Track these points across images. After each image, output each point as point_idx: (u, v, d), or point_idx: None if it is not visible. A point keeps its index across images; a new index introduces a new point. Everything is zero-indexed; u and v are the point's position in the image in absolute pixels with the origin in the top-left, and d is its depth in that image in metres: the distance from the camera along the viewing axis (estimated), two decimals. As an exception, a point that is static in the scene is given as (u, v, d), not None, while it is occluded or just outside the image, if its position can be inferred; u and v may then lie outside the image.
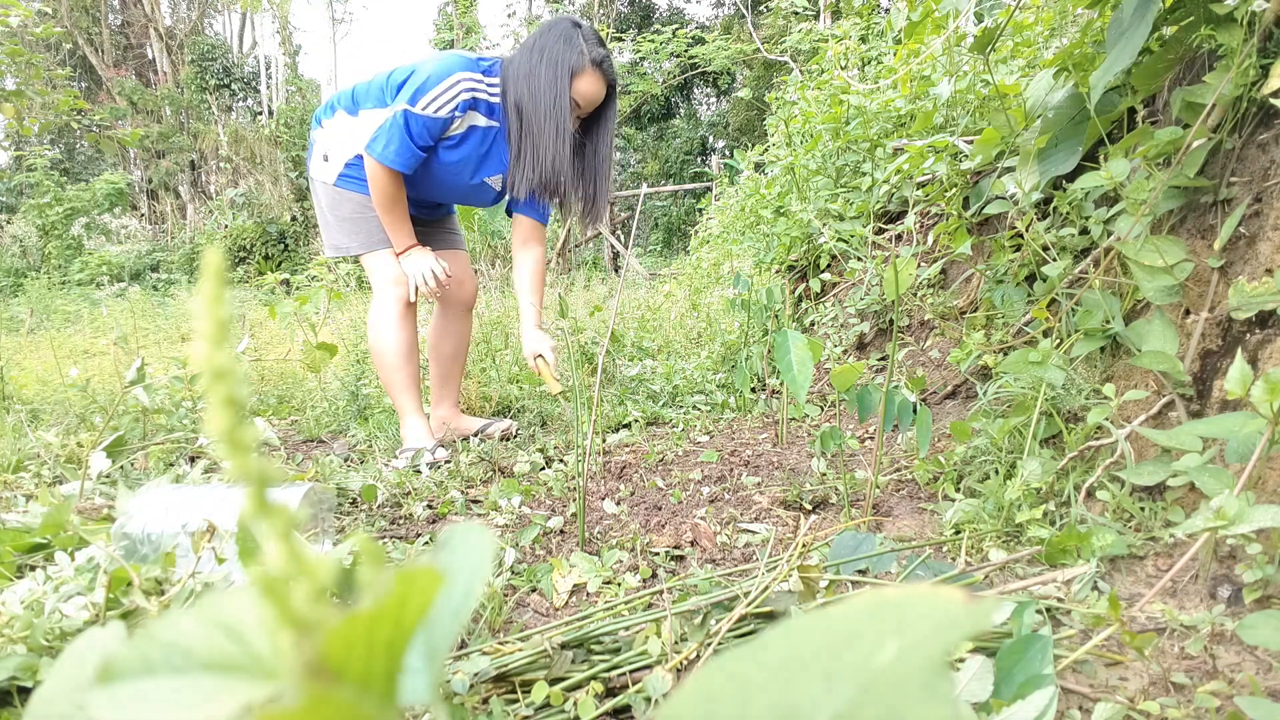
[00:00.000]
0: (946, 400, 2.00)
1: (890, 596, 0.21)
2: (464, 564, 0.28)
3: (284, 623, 0.21)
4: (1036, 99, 1.64)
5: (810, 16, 7.31)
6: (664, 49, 11.75)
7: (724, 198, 5.53)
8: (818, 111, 3.15)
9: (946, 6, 1.89)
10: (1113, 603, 0.81)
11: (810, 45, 5.55)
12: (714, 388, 2.62)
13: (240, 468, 0.20)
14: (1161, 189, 1.26)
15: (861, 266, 2.45)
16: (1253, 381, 0.88)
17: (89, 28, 18.51)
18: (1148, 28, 1.23)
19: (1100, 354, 1.43)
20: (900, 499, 1.52)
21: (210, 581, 0.88)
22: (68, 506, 1.04)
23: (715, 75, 15.63)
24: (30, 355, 3.84)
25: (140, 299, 6.00)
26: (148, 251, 11.64)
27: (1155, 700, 0.81)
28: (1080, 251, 1.55)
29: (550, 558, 1.32)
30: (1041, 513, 1.20)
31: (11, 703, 0.81)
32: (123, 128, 16.28)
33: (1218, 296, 1.23)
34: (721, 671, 0.21)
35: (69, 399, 2.48)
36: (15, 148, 11.78)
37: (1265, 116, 1.22)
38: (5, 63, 4.11)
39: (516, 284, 2.19)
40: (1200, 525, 0.82)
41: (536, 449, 2.05)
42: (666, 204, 16.05)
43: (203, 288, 0.21)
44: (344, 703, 0.21)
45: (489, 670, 0.87)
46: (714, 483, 1.71)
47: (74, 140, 19.22)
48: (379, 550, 0.24)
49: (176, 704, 0.22)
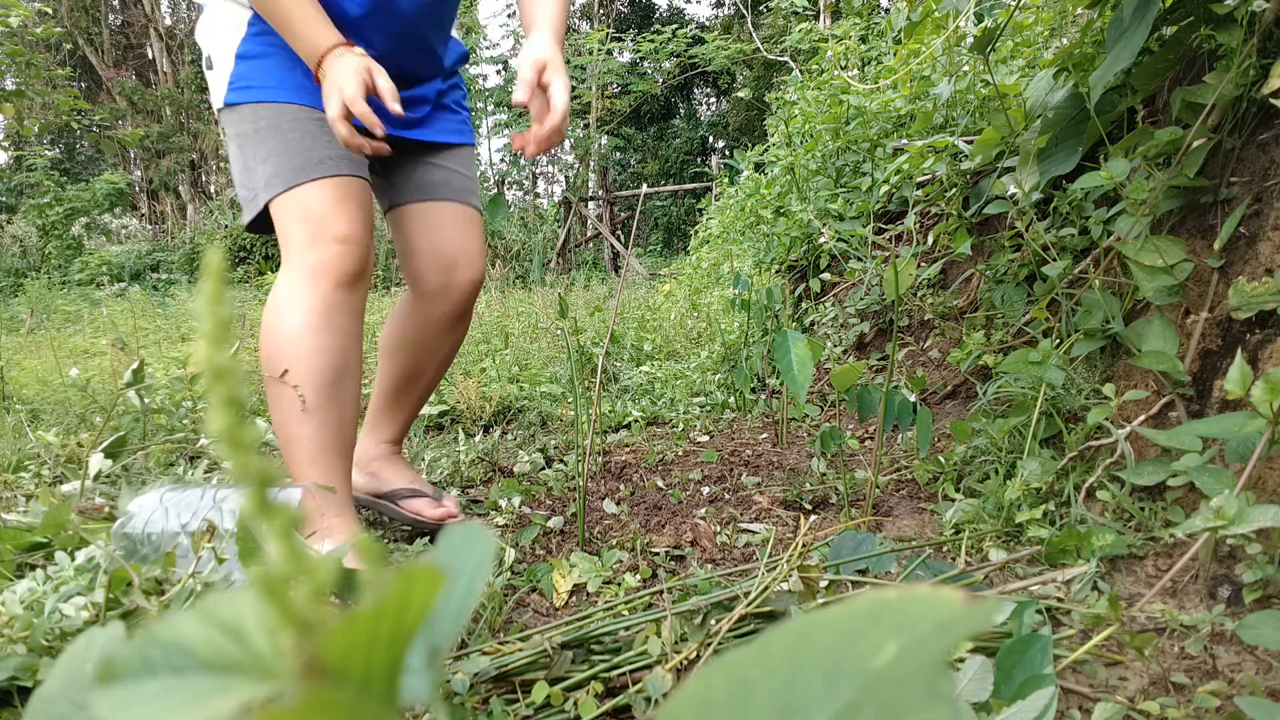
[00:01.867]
0: (946, 400, 2.00)
1: (890, 597, 0.21)
2: (464, 564, 0.28)
3: (284, 623, 0.21)
4: (1036, 99, 1.64)
5: (810, 16, 7.31)
6: (664, 49, 11.75)
7: (724, 198, 5.53)
8: (818, 111, 3.15)
9: (946, 6, 1.89)
10: (1113, 603, 0.81)
11: (810, 45, 5.55)
12: (714, 388, 2.62)
13: (240, 467, 0.20)
14: (1161, 189, 1.26)
15: (861, 266, 2.45)
16: (1253, 381, 0.88)
17: (89, 28, 18.50)
18: (1148, 28, 1.23)
19: (1100, 354, 1.43)
20: (900, 499, 1.52)
21: (210, 581, 0.88)
22: (68, 506, 1.04)
23: (715, 75, 15.63)
24: (30, 355, 3.84)
25: (140, 299, 6.00)
26: (148, 251, 11.64)
27: (1155, 700, 0.81)
28: (1080, 251, 1.55)
29: (550, 558, 1.32)
30: (1041, 513, 1.20)
31: (11, 703, 0.81)
32: (123, 128, 16.28)
33: (1218, 296, 1.23)
34: (721, 671, 0.21)
35: (69, 399, 2.48)
36: (15, 148, 11.79)
37: (1265, 116, 1.22)
38: (5, 63, 4.11)
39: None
40: (1200, 525, 0.82)
41: (536, 449, 2.06)
42: (666, 204, 16.05)
43: (203, 288, 0.21)
44: (344, 703, 0.21)
45: (489, 670, 0.87)
46: (714, 483, 1.71)
47: (74, 140, 19.23)
48: (379, 550, 0.24)
49: (176, 704, 0.22)
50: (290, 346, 1.13)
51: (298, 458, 1.15)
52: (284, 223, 1.19)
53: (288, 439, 1.15)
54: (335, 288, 1.15)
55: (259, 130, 1.21)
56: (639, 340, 3.31)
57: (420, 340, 1.43)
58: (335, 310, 1.15)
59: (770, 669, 0.20)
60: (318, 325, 1.13)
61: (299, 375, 1.13)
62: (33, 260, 11.10)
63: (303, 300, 1.14)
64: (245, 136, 1.22)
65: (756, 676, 0.20)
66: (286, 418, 1.14)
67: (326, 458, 1.15)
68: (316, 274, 1.14)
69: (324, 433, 1.15)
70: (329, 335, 1.14)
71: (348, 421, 1.18)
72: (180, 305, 6.03)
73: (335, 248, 1.15)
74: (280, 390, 1.13)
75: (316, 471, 1.14)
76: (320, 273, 1.14)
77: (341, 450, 1.18)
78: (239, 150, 1.25)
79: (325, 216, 1.15)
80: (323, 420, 1.14)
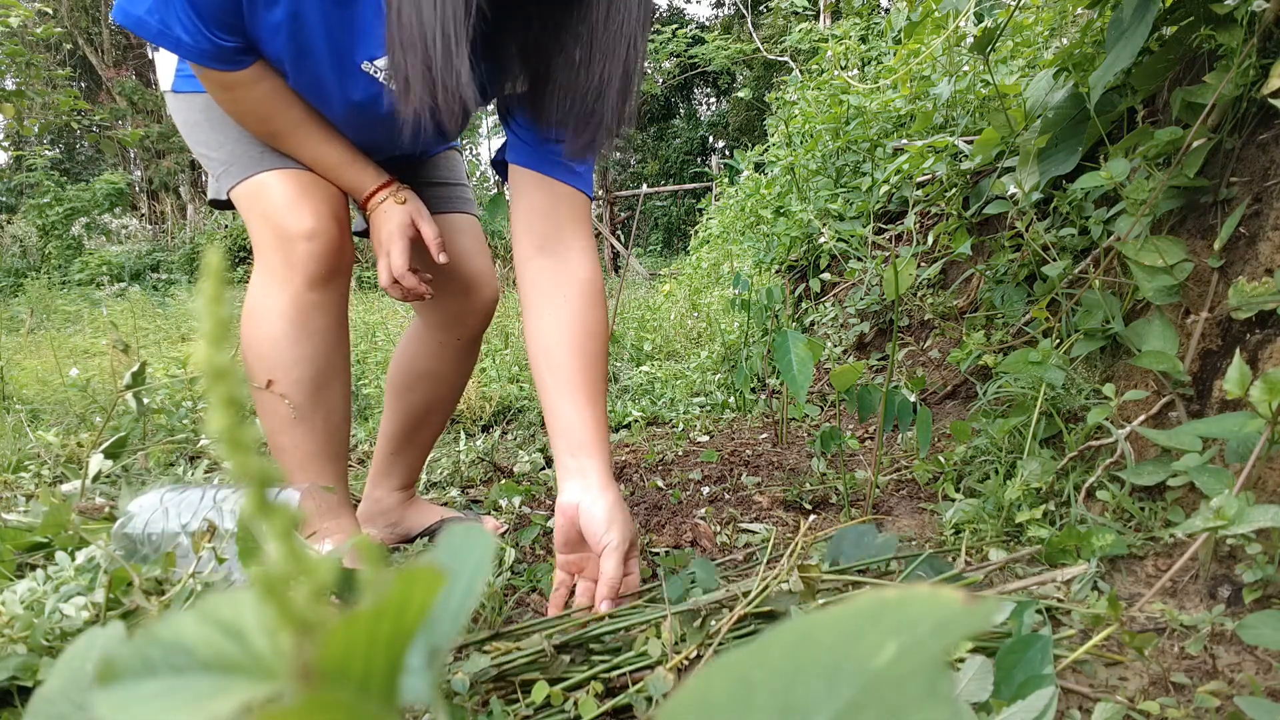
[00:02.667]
0: (946, 400, 2.00)
1: (890, 597, 0.21)
2: (464, 564, 0.28)
3: (284, 623, 0.21)
4: (1036, 99, 1.64)
5: (810, 16, 7.31)
6: (664, 49, 11.75)
7: (724, 198, 5.53)
8: (818, 111, 3.16)
9: (946, 6, 1.89)
10: (1113, 603, 0.81)
11: (810, 45, 5.55)
12: (714, 388, 2.62)
13: (240, 468, 0.20)
14: (1161, 189, 1.26)
15: (861, 266, 2.45)
16: (1252, 381, 0.88)
17: (89, 28, 18.50)
18: (1148, 28, 1.23)
19: (1100, 354, 1.43)
20: (900, 499, 1.52)
21: (210, 581, 0.88)
22: (68, 506, 1.04)
23: (715, 75, 15.62)
24: (30, 355, 3.84)
25: (140, 299, 6.00)
26: (148, 251, 11.64)
27: (1155, 700, 0.81)
28: (1080, 251, 1.55)
29: (550, 558, 1.32)
30: (1041, 513, 1.20)
31: (11, 703, 0.81)
32: (123, 128, 16.27)
33: (1218, 296, 1.23)
34: (722, 671, 0.21)
35: (69, 399, 2.48)
36: (15, 148, 11.79)
37: (1265, 116, 1.22)
38: (5, 63, 4.11)
39: (537, 351, 1.07)
40: (1200, 525, 0.82)
41: (536, 449, 2.05)
42: (666, 204, 16.05)
43: (203, 288, 0.21)
44: (344, 703, 0.21)
45: (489, 670, 0.87)
46: (714, 483, 1.71)
47: (74, 140, 19.23)
48: (379, 550, 0.24)
49: (176, 704, 0.22)
50: (268, 356, 1.08)
51: (289, 464, 1.12)
52: (248, 216, 1.10)
53: (277, 447, 1.12)
54: (307, 288, 1.06)
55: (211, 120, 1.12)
56: (639, 340, 3.31)
57: (435, 371, 1.34)
58: (311, 313, 1.07)
59: (770, 669, 0.20)
60: (295, 334, 1.06)
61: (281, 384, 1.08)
62: (33, 260, 11.10)
63: (275, 303, 1.06)
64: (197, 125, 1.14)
65: (756, 676, 0.20)
66: (274, 426, 1.11)
67: (317, 463, 1.12)
68: (285, 274, 1.06)
69: (312, 439, 1.11)
70: (307, 342, 1.07)
71: (336, 424, 1.14)
72: (180, 305, 6.03)
73: (303, 246, 1.05)
74: (265, 399, 1.09)
75: (309, 477, 1.11)
76: (289, 273, 1.06)
77: (332, 454, 1.14)
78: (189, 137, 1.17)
79: (288, 211, 1.06)
80: (310, 427, 1.10)
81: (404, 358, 1.36)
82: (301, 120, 1.07)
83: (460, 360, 1.36)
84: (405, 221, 1.09)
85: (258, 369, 1.09)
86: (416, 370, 1.34)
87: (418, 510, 1.42)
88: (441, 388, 1.36)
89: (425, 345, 1.34)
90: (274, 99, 1.04)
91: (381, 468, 1.40)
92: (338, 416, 1.14)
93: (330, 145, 1.09)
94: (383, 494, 1.40)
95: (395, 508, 1.40)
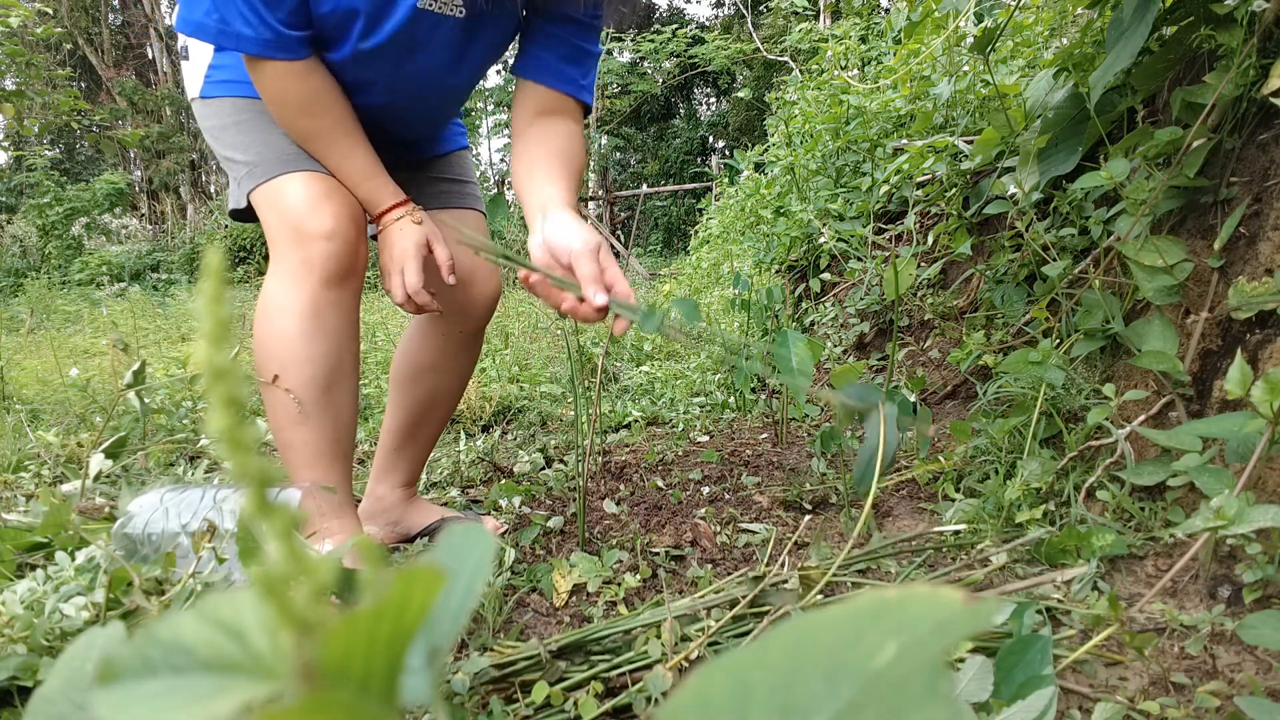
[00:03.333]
0: (946, 400, 2.00)
1: (890, 597, 0.21)
2: (464, 564, 0.28)
3: (284, 623, 0.21)
4: (1036, 99, 1.64)
5: (810, 16, 7.31)
6: (664, 49, 11.75)
7: (724, 198, 5.53)
8: (818, 111, 3.16)
9: (946, 6, 1.89)
10: (1113, 603, 0.81)
11: (810, 45, 5.55)
12: (714, 388, 2.63)
13: (241, 467, 0.20)
14: (1161, 189, 1.26)
15: (861, 266, 2.45)
16: (1252, 381, 0.88)
17: (89, 28, 18.50)
18: (1148, 28, 1.23)
19: (1100, 354, 1.43)
20: (900, 499, 1.52)
21: (210, 581, 0.88)
22: (68, 506, 1.04)
23: (715, 75, 15.63)
24: (30, 355, 3.84)
25: (140, 299, 6.00)
26: (148, 251, 11.64)
27: (1155, 700, 0.81)
28: (1080, 251, 1.55)
29: (550, 558, 1.32)
30: (1041, 513, 1.20)
31: (11, 703, 0.81)
32: (123, 128, 16.28)
33: (1218, 296, 1.23)
34: (721, 671, 0.21)
35: (69, 399, 2.48)
36: (15, 148, 11.79)
37: (1265, 116, 1.22)
38: (5, 63, 4.11)
39: (520, 164, 1.12)
40: (1200, 525, 0.82)
41: (536, 449, 2.05)
42: (666, 204, 16.05)
43: (203, 288, 0.21)
44: (344, 703, 0.21)
45: (489, 670, 0.87)
46: (714, 483, 1.71)
47: (74, 140, 19.24)
48: (379, 550, 0.24)
49: (176, 704, 0.22)
50: (281, 352, 1.09)
51: (294, 462, 1.13)
52: (267, 217, 1.13)
53: (283, 444, 1.13)
54: (323, 287, 1.09)
55: (240, 123, 1.17)
56: (639, 340, 3.31)
57: (438, 364, 1.36)
58: (325, 311, 1.09)
59: (770, 669, 0.20)
60: (309, 330, 1.08)
61: (291, 381, 1.09)
62: (33, 260, 11.10)
63: (291, 301, 1.09)
64: (224, 129, 1.18)
65: (756, 676, 0.20)
66: (281, 423, 1.12)
67: (323, 462, 1.13)
68: (302, 272, 1.09)
69: (320, 437, 1.12)
70: (320, 339, 1.09)
71: (344, 424, 1.15)
72: (180, 305, 6.03)
73: (321, 245, 1.08)
74: (274, 395, 1.10)
75: (313, 476, 1.12)
76: (306, 271, 1.08)
77: (338, 454, 1.15)
78: (215, 142, 1.21)
79: (309, 211, 1.09)
80: (318, 425, 1.11)
81: (407, 351, 1.38)
82: (339, 121, 1.12)
83: (463, 353, 1.38)
84: (421, 241, 1.13)
85: (270, 366, 1.10)
86: (420, 363, 1.37)
87: (418, 509, 1.43)
88: (444, 381, 1.38)
89: (429, 339, 1.36)
90: (323, 95, 1.10)
91: (384, 464, 1.42)
92: (345, 416, 1.15)
93: (356, 156, 1.14)
94: (385, 491, 1.41)
95: (396, 505, 1.41)
